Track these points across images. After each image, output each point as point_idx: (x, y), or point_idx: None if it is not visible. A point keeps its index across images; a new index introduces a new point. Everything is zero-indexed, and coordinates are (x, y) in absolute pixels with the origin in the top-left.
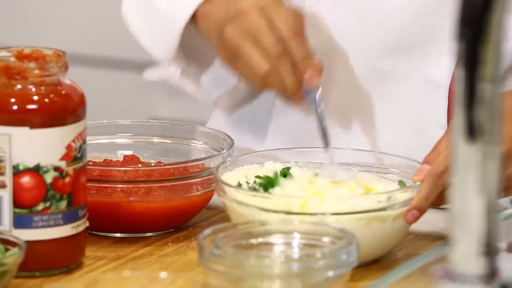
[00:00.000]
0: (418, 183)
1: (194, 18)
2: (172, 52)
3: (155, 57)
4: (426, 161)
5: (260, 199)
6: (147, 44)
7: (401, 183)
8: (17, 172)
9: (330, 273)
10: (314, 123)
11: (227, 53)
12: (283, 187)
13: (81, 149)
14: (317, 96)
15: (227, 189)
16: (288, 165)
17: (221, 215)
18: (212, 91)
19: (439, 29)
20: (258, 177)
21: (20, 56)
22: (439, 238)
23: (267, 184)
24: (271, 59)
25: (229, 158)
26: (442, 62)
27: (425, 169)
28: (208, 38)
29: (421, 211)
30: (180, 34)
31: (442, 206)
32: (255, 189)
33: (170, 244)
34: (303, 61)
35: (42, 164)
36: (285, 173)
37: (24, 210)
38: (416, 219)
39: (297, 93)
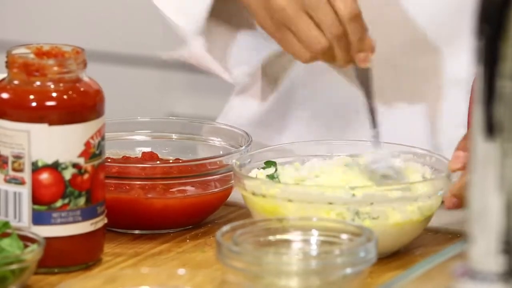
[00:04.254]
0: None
1: None
2: (200, 22)
3: (181, 29)
4: (461, 148)
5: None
6: (173, 14)
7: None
8: (36, 168)
9: (348, 270)
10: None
11: (275, 22)
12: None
13: (100, 146)
14: (368, 75)
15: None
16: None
17: (239, 212)
18: (236, 71)
19: (463, 28)
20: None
21: (39, 53)
22: (458, 235)
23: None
24: (329, 38)
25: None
26: (464, 61)
27: (461, 155)
28: (248, 4)
29: (461, 199)
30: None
31: None
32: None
33: (188, 240)
34: (358, 42)
35: (60, 160)
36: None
37: (43, 207)
38: (456, 206)
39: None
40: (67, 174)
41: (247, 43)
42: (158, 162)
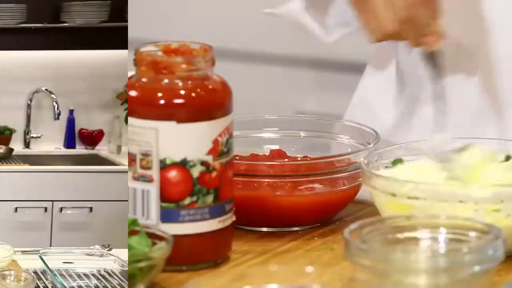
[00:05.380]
0: None
1: None
2: None
3: None
4: None
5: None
6: None
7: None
8: (164, 166)
9: (477, 268)
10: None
11: None
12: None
13: (228, 144)
14: (438, 60)
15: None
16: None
17: (367, 209)
18: (334, 31)
19: None
20: None
21: (168, 51)
22: None
23: None
24: (398, 19)
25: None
26: None
27: None
28: None
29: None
30: None
31: None
32: None
33: (316, 238)
34: (427, 26)
35: (189, 158)
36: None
37: (171, 204)
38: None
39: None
40: (195, 172)
41: (346, 4)
42: (286, 159)
